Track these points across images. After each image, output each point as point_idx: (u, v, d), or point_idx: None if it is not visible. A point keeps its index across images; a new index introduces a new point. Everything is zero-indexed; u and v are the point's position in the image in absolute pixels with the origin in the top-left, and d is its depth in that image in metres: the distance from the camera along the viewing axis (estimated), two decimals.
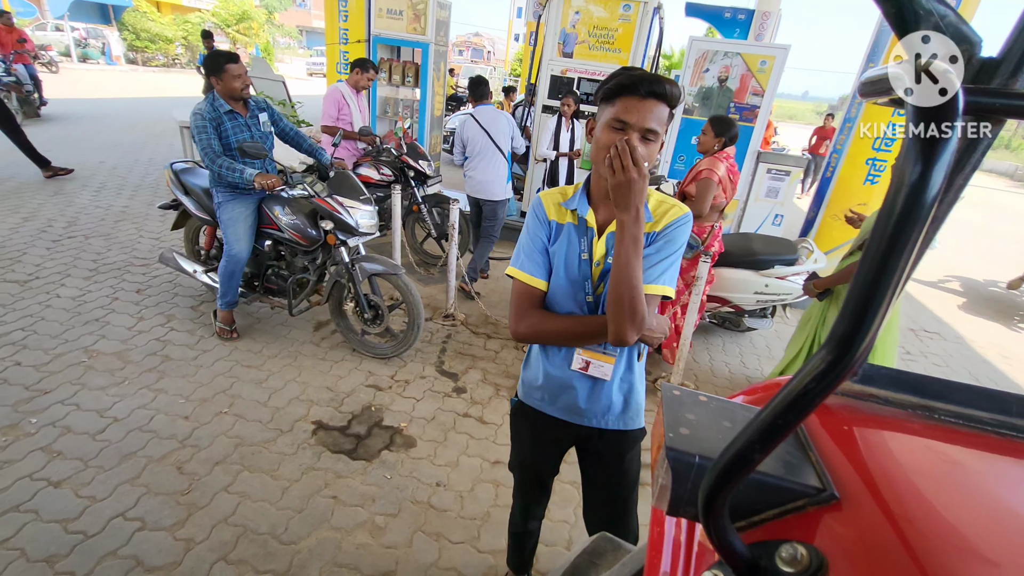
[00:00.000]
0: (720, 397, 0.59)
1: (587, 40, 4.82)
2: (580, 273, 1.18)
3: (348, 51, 5.75)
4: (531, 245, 1.22)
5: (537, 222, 1.22)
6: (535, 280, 1.20)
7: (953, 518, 0.43)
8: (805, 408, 0.35)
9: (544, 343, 1.26)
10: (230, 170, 2.69)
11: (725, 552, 0.41)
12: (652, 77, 1.03)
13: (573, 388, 1.26)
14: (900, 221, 0.30)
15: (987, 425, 0.53)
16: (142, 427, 2.33)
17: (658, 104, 1.04)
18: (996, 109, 0.42)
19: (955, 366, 4.18)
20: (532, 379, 1.34)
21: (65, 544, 1.77)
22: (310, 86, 20.08)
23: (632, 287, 1.02)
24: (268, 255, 3.13)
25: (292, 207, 2.96)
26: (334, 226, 2.91)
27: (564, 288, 1.19)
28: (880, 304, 0.32)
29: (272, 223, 2.98)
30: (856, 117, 4.57)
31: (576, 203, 1.19)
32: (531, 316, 1.20)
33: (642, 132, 1.04)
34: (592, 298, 1.19)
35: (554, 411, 1.32)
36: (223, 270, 2.98)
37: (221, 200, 2.88)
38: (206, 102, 2.72)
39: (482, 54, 41.50)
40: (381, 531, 1.97)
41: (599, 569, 0.80)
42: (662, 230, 1.15)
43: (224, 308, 3.09)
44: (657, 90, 1.02)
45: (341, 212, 2.87)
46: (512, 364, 3.23)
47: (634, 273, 1.02)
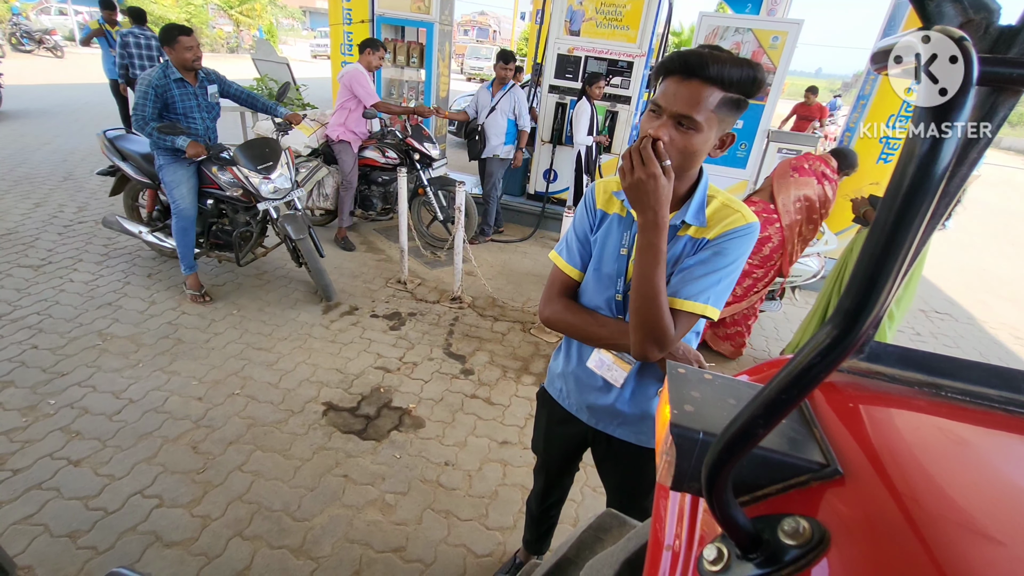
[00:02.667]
0: (725, 375, 0.59)
1: (594, 17, 4.72)
2: (616, 268, 1.10)
3: (352, 31, 5.68)
4: (573, 232, 1.18)
5: (584, 210, 1.17)
6: (568, 267, 1.17)
7: (957, 495, 0.43)
8: (809, 384, 0.35)
9: (565, 333, 1.21)
10: (161, 136, 2.88)
11: (728, 526, 0.42)
12: (702, 55, 0.89)
13: (587, 386, 1.23)
14: (909, 195, 0.29)
15: (995, 402, 0.53)
16: (157, 408, 2.38)
17: (705, 87, 0.89)
18: (1013, 79, 0.41)
19: (966, 347, 4.15)
20: (555, 368, 1.33)
21: (86, 520, 1.83)
22: (314, 68, 19.89)
23: (650, 299, 0.94)
24: (211, 213, 3.37)
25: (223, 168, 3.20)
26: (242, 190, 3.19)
27: (596, 281, 1.14)
28: (887, 279, 0.31)
29: (212, 183, 3.22)
30: (870, 95, 4.46)
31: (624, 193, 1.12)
32: (557, 303, 1.17)
33: (674, 118, 0.92)
34: (622, 296, 1.11)
35: (568, 404, 1.31)
36: (176, 229, 3.18)
37: (163, 163, 3.05)
38: (159, 69, 2.89)
39: (487, 33, 40.80)
40: (391, 508, 2.02)
41: (604, 544, 0.81)
42: (715, 238, 1.01)
43: (188, 272, 3.29)
44: (700, 68, 0.88)
45: (244, 181, 3.15)
46: (519, 346, 3.25)
47: (651, 284, 0.93)
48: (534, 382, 2.91)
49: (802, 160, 3.03)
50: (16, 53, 15.72)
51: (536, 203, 5.34)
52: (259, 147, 3.25)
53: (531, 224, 5.18)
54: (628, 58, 4.73)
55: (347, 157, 4.20)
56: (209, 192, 3.27)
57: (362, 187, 4.48)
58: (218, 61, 21.86)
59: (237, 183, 3.16)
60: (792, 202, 2.95)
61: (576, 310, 1.15)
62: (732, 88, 0.90)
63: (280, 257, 4.01)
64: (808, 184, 2.94)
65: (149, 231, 3.52)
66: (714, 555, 0.45)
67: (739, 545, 0.43)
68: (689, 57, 0.89)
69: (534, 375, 2.98)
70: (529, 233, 5.06)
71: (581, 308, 1.16)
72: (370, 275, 3.99)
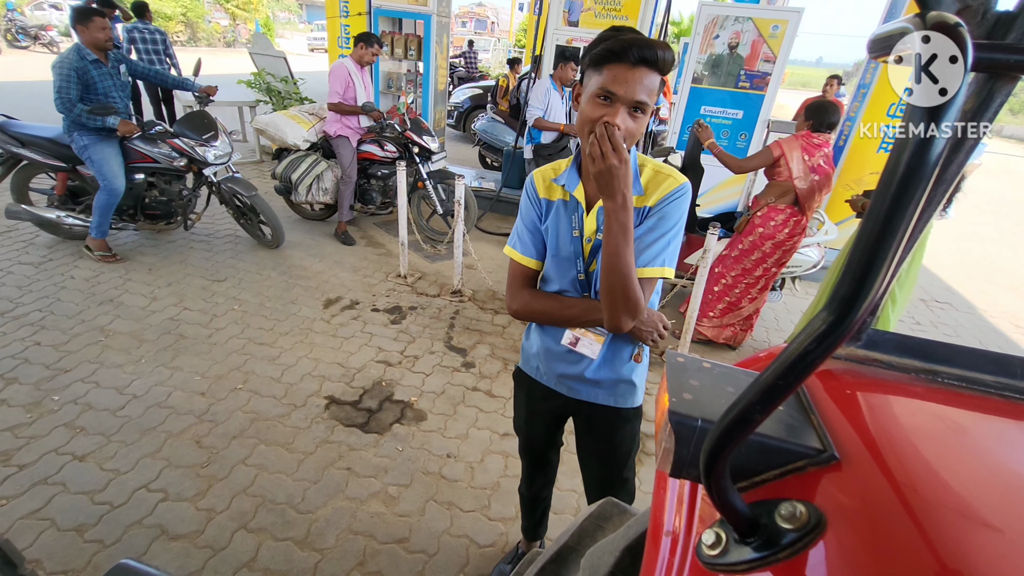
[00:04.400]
0: (724, 364, 0.60)
1: (593, 7, 4.68)
2: (572, 250, 1.15)
3: (349, 24, 5.64)
4: (523, 225, 1.21)
5: (528, 201, 1.20)
6: (525, 259, 1.20)
7: (952, 480, 0.44)
8: (805, 369, 0.35)
9: (536, 321, 1.27)
10: (91, 117, 3.02)
11: (726, 510, 0.42)
12: (643, 41, 0.93)
13: (564, 361, 1.26)
14: (904, 180, 0.30)
15: (991, 388, 0.53)
16: (160, 403, 2.40)
17: (649, 72, 0.94)
18: (1009, 65, 0.41)
19: (966, 336, 4.15)
20: (529, 347, 1.36)
21: (92, 514, 1.85)
22: (312, 62, 19.78)
23: (624, 275, 0.99)
24: (142, 186, 3.58)
25: (160, 144, 3.48)
26: (188, 160, 3.52)
27: (556, 266, 1.18)
28: (882, 265, 0.32)
29: (139, 159, 3.45)
30: (871, 83, 4.43)
31: (565, 178, 1.15)
32: (522, 295, 1.21)
33: (630, 105, 0.96)
34: (584, 276, 1.16)
35: (547, 381, 1.33)
36: (102, 204, 3.35)
37: (87, 143, 3.16)
38: (73, 51, 2.99)
39: (485, 25, 40.50)
40: (394, 500, 2.03)
41: (605, 532, 0.82)
42: (655, 205, 1.08)
43: (99, 237, 3.50)
44: (648, 56, 0.92)
45: (190, 151, 3.47)
46: (519, 339, 3.25)
47: (624, 261, 0.99)
48: None
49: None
50: (12, 49, 15.64)
51: None
52: (198, 119, 3.62)
53: None
54: None
55: (346, 152, 4.19)
56: (138, 167, 3.48)
57: (361, 181, 4.47)
58: (215, 55, 21.72)
59: (181, 154, 3.47)
60: (804, 164, 2.94)
61: (542, 297, 1.20)
62: (664, 70, 0.96)
63: (274, 258, 4.00)
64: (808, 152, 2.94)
65: (66, 214, 3.57)
66: (712, 539, 0.46)
67: (737, 529, 0.43)
68: (635, 44, 0.92)
69: None
70: None
71: (546, 295, 1.21)
72: (370, 269, 3.99)
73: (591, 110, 0.98)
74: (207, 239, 4.18)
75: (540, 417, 1.44)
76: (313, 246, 4.29)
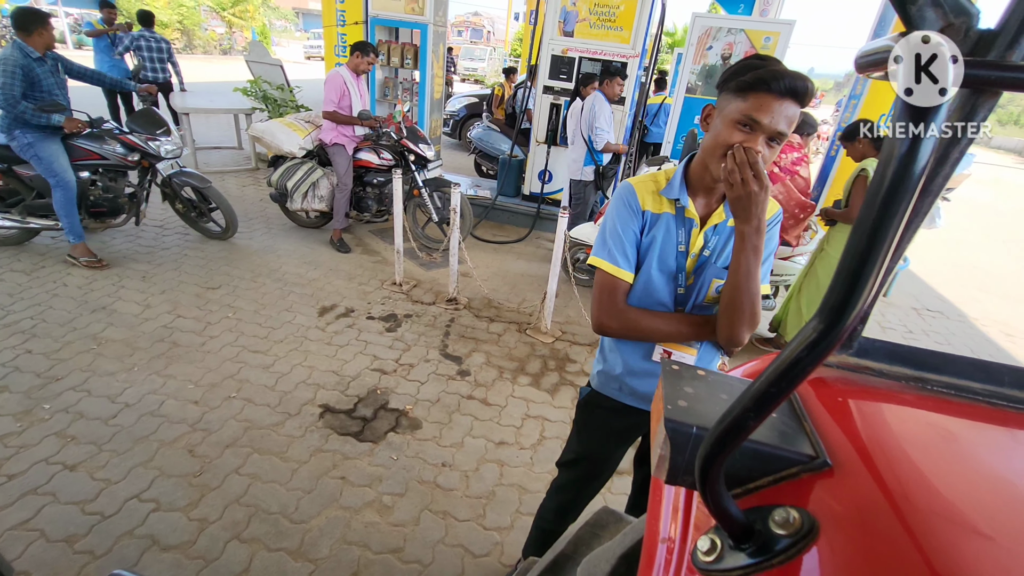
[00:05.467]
0: (718, 372, 0.60)
1: (588, 18, 4.74)
2: (676, 265, 1.14)
3: (346, 33, 5.68)
4: (621, 235, 1.16)
5: (629, 212, 1.16)
6: (623, 272, 1.15)
7: (943, 486, 0.44)
8: (797, 377, 0.36)
9: (636, 339, 1.23)
10: (37, 114, 3.04)
11: (721, 517, 0.43)
12: (792, 73, 0.93)
13: (654, 377, 1.24)
14: (890, 192, 0.31)
15: (979, 395, 0.54)
16: (153, 412, 2.38)
17: (792, 104, 0.95)
18: (992, 81, 0.42)
19: (957, 344, 4.19)
20: (609, 370, 1.32)
21: (83, 525, 1.82)
22: (308, 70, 19.84)
23: (753, 294, 1.03)
24: (86, 184, 3.57)
25: (109, 140, 3.53)
26: (141, 156, 3.63)
27: (654, 279, 1.16)
28: (870, 274, 0.32)
29: (84, 156, 3.48)
30: (862, 94, 4.50)
31: (676, 192, 1.13)
32: (620, 312, 1.16)
33: (771, 135, 0.96)
34: (684, 290, 1.15)
35: (632, 400, 1.31)
36: (62, 202, 3.36)
37: (31, 141, 3.17)
38: (15, 49, 3.01)
39: (481, 34, 40.83)
40: (389, 510, 2.02)
41: (602, 540, 0.82)
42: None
43: (78, 240, 3.51)
44: (798, 88, 0.93)
45: (142, 145, 3.57)
46: (515, 347, 3.26)
47: (754, 281, 1.02)
48: (530, 382, 2.92)
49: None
50: None
51: (531, 204, 5.35)
52: (149, 117, 3.73)
53: (526, 225, 5.19)
54: (622, 59, 4.75)
55: (341, 160, 4.20)
56: (83, 165, 3.49)
57: (357, 189, 4.48)
58: (211, 63, 21.76)
59: (134, 149, 3.57)
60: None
61: (647, 316, 1.16)
62: (805, 103, 0.96)
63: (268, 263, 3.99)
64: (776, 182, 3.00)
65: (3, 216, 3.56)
66: (707, 546, 0.46)
67: (732, 536, 0.44)
68: (785, 75, 0.92)
69: (530, 375, 2.98)
70: (525, 234, 5.07)
71: (649, 312, 1.17)
72: (365, 277, 3.99)
73: (729, 135, 0.98)
74: (201, 246, 4.17)
75: (620, 435, 1.41)
76: (308, 254, 4.28)
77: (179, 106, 6.17)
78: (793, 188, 2.99)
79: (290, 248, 4.35)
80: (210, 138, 7.47)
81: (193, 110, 6.21)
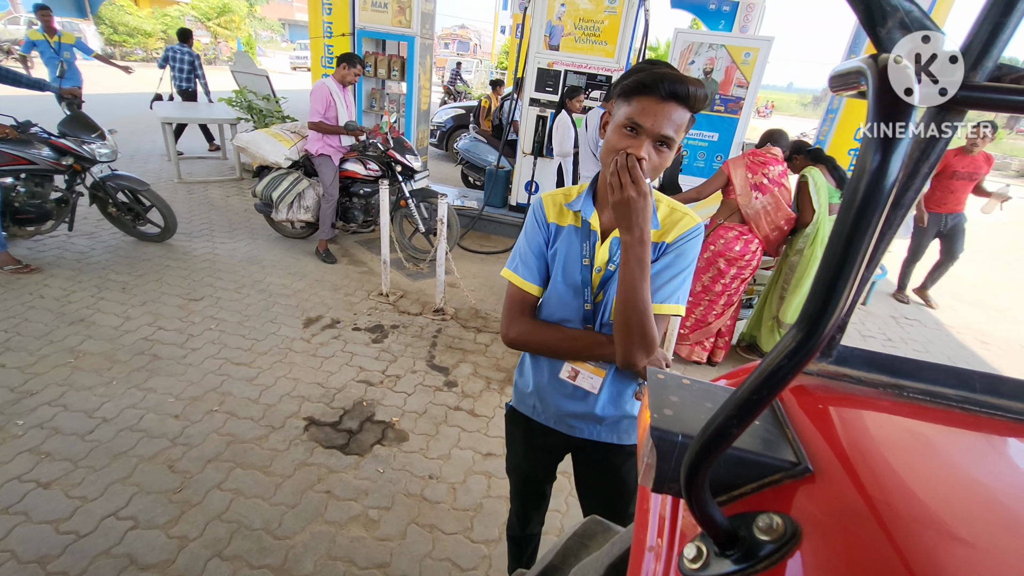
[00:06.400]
0: (702, 380, 0.61)
1: (573, 32, 4.81)
2: (580, 278, 1.11)
3: (332, 45, 5.69)
4: (527, 248, 1.15)
5: (535, 224, 1.15)
6: (528, 285, 1.15)
7: (920, 490, 0.46)
8: (778, 384, 0.37)
9: (534, 352, 1.21)
10: None
11: (706, 524, 0.44)
12: (675, 76, 0.91)
13: (562, 397, 1.21)
14: (862, 207, 0.32)
15: (952, 401, 0.56)
16: (132, 427, 2.32)
17: (678, 107, 0.93)
18: (957, 100, 0.44)
19: (934, 351, 4.28)
20: (524, 386, 1.30)
21: (57, 544, 1.76)
22: (294, 80, 19.80)
23: (641, 311, 0.97)
24: (10, 190, 3.54)
25: (37, 144, 3.50)
26: (75, 159, 3.61)
27: (561, 293, 1.13)
28: (845, 285, 0.34)
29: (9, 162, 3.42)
30: (839, 108, 4.63)
31: (580, 204, 1.11)
32: (522, 323, 1.15)
33: (656, 139, 0.94)
34: (591, 305, 1.12)
35: (545, 419, 1.28)
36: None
37: None
38: None
39: (468, 47, 41.20)
40: (375, 524, 1.99)
41: (590, 550, 0.82)
42: (673, 242, 1.07)
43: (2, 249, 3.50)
44: (679, 91, 0.91)
45: (77, 148, 3.58)
46: (503, 357, 3.25)
47: (641, 296, 0.96)
48: None
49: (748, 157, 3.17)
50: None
51: (518, 214, 5.38)
52: (83, 121, 3.75)
53: (513, 235, 5.21)
54: (606, 72, 4.83)
55: (327, 170, 4.18)
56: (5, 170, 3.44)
57: (343, 199, 4.47)
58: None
59: (68, 153, 3.55)
60: (746, 182, 3.09)
61: (545, 328, 1.14)
62: (694, 107, 0.95)
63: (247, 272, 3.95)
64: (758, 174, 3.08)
65: None
66: (693, 553, 0.47)
67: (717, 542, 0.45)
68: (666, 79, 0.91)
69: None
70: (511, 244, 5.09)
71: (549, 325, 1.15)
72: (351, 287, 3.96)
73: (616, 140, 0.97)
74: (183, 257, 4.11)
75: (539, 455, 1.39)
76: (293, 264, 4.25)
77: (162, 115, 6.11)
78: (782, 200, 3.06)
79: (275, 259, 4.31)
80: (193, 148, 7.40)
81: (177, 119, 6.15)
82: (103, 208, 4.07)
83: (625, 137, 0.96)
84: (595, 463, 1.32)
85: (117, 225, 4.21)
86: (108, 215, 4.12)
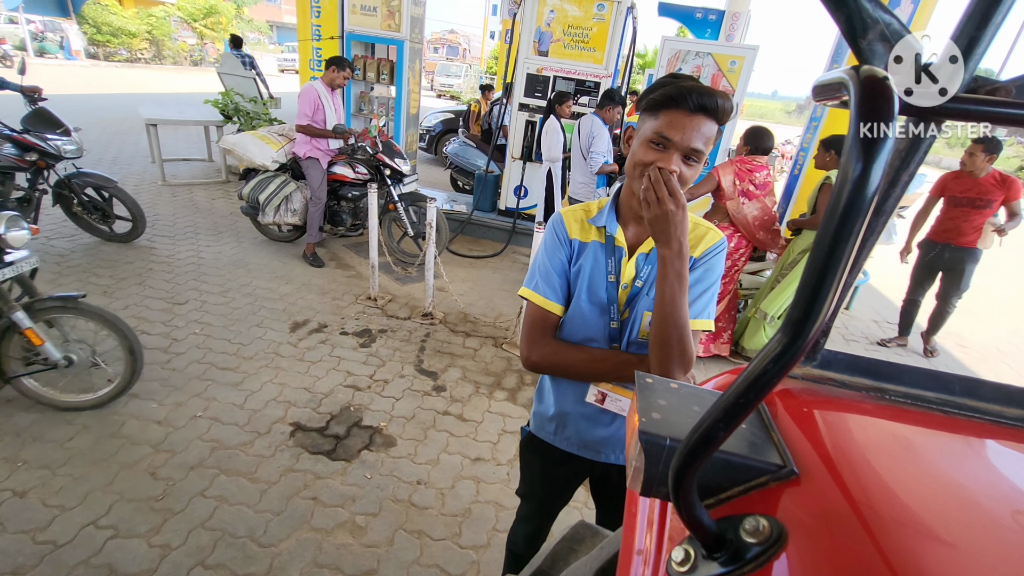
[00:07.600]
0: (690, 384, 0.62)
1: (562, 39, 4.85)
2: (606, 296, 1.07)
3: (321, 48, 5.67)
4: (548, 265, 1.10)
5: (556, 241, 1.11)
6: (551, 304, 1.09)
7: (902, 492, 0.47)
8: (764, 388, 0.37)
9: (557, 375, 1.16)
10: None
11: (694, 527, 0.44)
12: (704, 89, 0.91)
13: (588, 422, 1.17)
14: (844, 213, 0.33)
15: (932, 404, 0.57)
16: (113, 433, 2.27)
17: (707, 120, 0.92)
18: (935, 111, 0.46)
19: (916, 356, 4.36)
20: (544, 411, 1.25)
21: (33, 555, 1.72)
22: (281, 83, 19.66)
23: (680, 327, 0.94)
24: None
25: (1, 140, 3.46)
26: (39, 156, 3.54)
27: (586, 312, 1.09)
28: (828, 290, 0.34)
29: None
30: (822, 117, 4.72)
31: (604, 219, 1.08)
32: (544, 345, 1.09)
33: (685, 152, 0.93)
34: (617, 324, 1.08)
35: (567, 446, 1.23)
36: None
37: None
38: None
39: (457, 51, 41.27)
40: (362, 530, 1.97)
41: (578, 555, 0.82)
42: (700, 256, 1.05)
43: None
44: (708, 104, 0.90)
45: (42, 144, 3.50)
46: (491, 362, 3.24)
47: (680, 312, 0.94)
48: (507, 397, 2.91)
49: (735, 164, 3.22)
50: None
51: (507, 219, 5.39)
52: (44, 117, 3.66)
53: (502, 240, 5.22)
54: (595, 78, 4.87)
55: (316, 173, 4.16)
56: None
57: (331, 203, 4.44)
58: (181, 74, 21.36)
59: (32, 149, 3.48)
60: (734, 188, 3.14)
61: (569, 349, 1.10)
62: (722, 120, 0.94)
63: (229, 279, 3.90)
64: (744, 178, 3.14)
65: None
66: (681, 556, 0.47)
67: (704, 545, 0.45)
68: (694, 91, 0.90)
69: (506, 390, 2.98)
70: (500, 248, 5.09)
71: (573, 346, 1.10)
72: (339, 291, 3.93)
73: (644, 154, 0.95)
74: (167, 261, 4.05)
75: (559, 482, 1.35)
76: (280, 268, 4.20)
77: (147, 117, 6.03)
78: (768, 205, 3.13)
79: (261, 262, 4.26)
80: (178, 150, 7.30)
81: (162, 121, 6.08)
82: (67, 208, 3.99)
83: (653, 151, 0.94)
84: (619, 490, 1.26)
85: (82, 226, 4.12)
86: (72, 215, 4.03)
